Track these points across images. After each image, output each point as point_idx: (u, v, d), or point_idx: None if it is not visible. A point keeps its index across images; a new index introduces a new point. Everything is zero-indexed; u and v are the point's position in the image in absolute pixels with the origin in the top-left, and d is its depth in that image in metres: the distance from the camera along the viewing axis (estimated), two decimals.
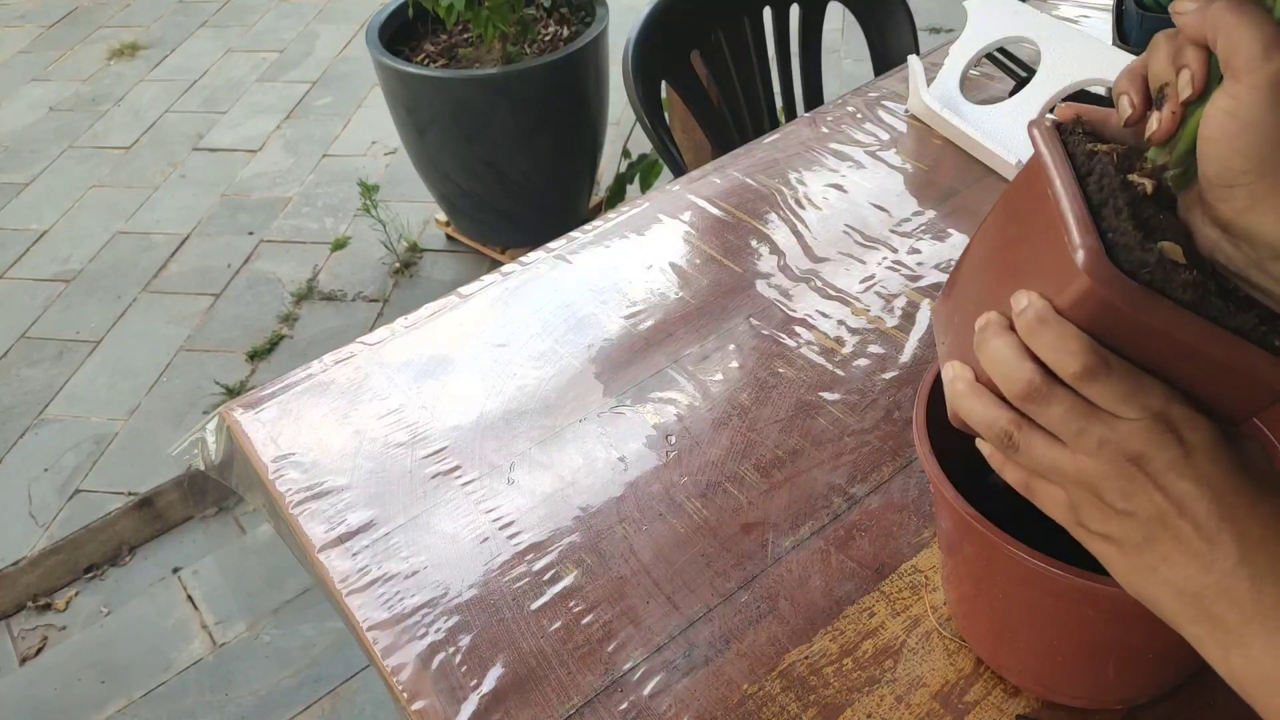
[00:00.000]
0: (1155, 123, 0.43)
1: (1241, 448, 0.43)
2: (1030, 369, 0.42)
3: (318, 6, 3.64)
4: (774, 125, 1.47)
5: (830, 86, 1.64)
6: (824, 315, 0.91)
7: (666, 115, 1.60)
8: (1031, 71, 1.12)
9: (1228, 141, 0.39)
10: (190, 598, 1.73)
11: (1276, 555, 0.41)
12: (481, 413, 0.84)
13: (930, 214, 1.02)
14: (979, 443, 0.48)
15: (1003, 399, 0.45)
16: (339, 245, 2.50)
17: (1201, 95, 0.41)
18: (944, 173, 1.08)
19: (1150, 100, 0.44)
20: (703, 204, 1.06)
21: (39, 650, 1.67)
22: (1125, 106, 0.45)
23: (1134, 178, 0.43)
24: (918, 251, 0.98)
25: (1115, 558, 0.44)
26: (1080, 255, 0.40)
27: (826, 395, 0.83)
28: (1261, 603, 0.41)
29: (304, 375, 0.89)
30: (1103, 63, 1.06)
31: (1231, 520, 0.41)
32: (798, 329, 0.90)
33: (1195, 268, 0.41)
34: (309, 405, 0.86)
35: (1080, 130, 0.46)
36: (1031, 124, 0.48)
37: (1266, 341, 0.41)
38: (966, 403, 0.46)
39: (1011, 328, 0.44)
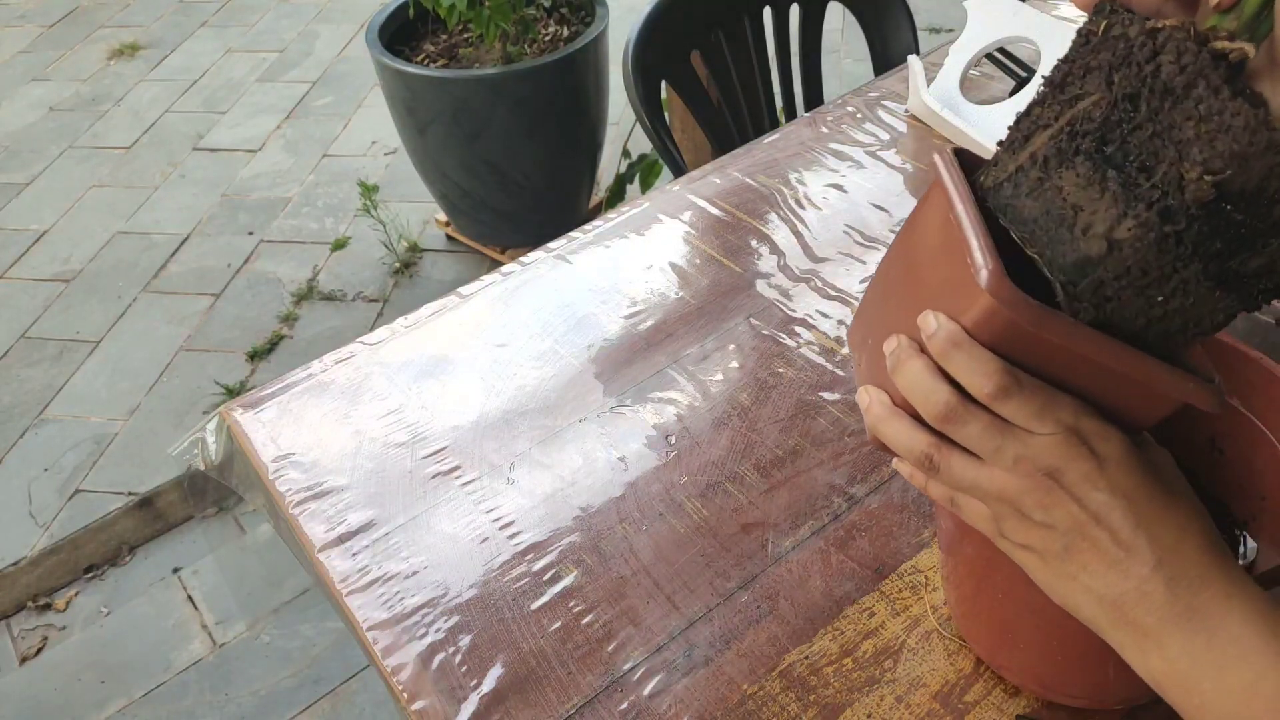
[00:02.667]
0: None
1: (1151, 455, 0.44)
2: (945, 391, 0.43)
3: (318, 6, 3.64)
4: (774, 125, 1.47)
5: (830, 86, 1.64)
6: (824, 315, 0.91)
7: (666, 115, 1.60)
8: (1031, 71, 1.12)
9: None
10: (190, 598, 1.73)
11: (1189, 560, 0.42)
12: (481, 413, 0.84)
13: None
14: (896, 463, 0.49)
15: (920, 421, 0.46)
16: (339, 245, 2.50)
17: None
18: None
19: None
20: (703, 204, 1.06)
21: (39, 650, 1.67)
22: None
23: (1219, 45, 0.39)
24: None
25: (1038, 567, 0.46)
26: (983, 275, 0.41)
27: (826, 395, 0.83)
28: (1176, 606, 0.42)
29: (304, 375, 0.89)
30: None
31: (1145, 527, 0.42)
32: (798, 329, 0.90)
33: None
34: (309, 405, 0.86)
35: (1120, 9, 0.43)
36: (936, 152, 0.49)
37: None
38: (885, 426, 0.47)
39: (923, 350, 0.44)
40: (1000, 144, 0.48)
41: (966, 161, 0.49)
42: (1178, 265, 0.41)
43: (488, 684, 0.65)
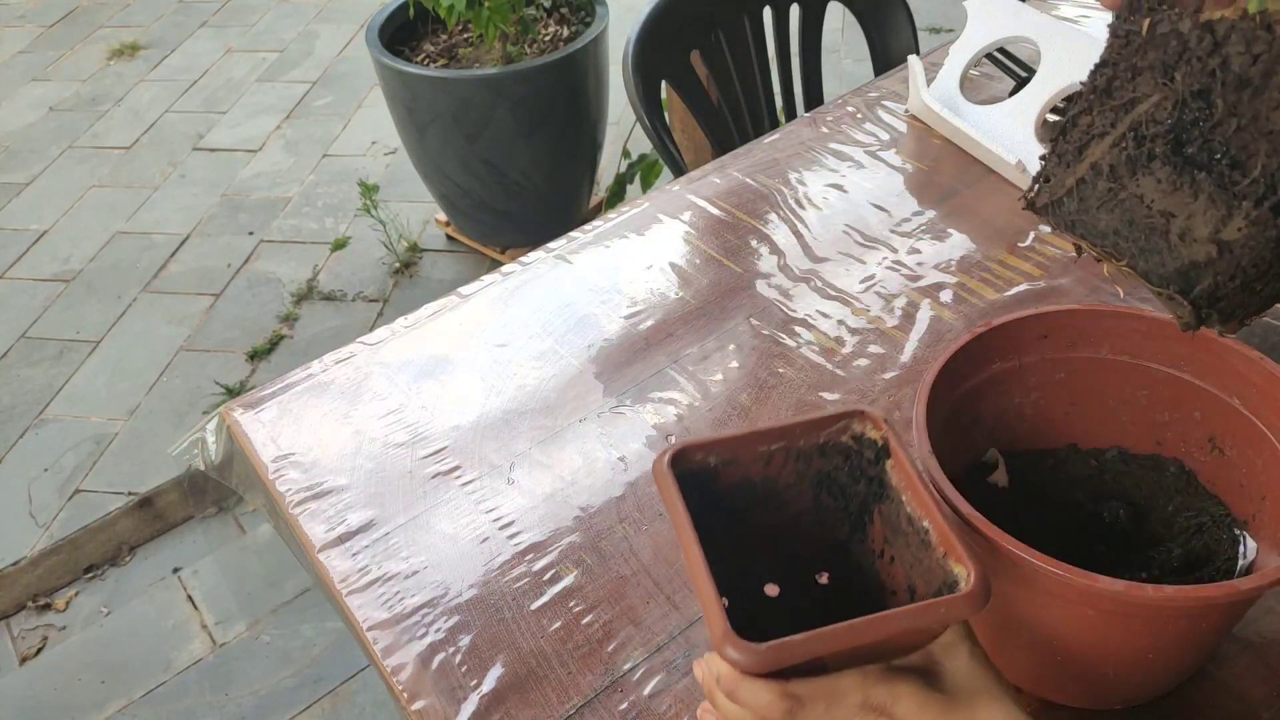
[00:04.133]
0: None
1: (946, 684, 0.47)
2: (743, 714, 0.47)
3: (318, 6, 3.64)
4: (774, 125, 1.47)
5: (830, 86, 1.63)
6: (824, 315, 0.91)
7: (666, 115, 1.60)
8: (1031, 71, 1.12)
9: None
10: (190, 598, 1.73)
11: None
12: (481, 413, 0.84)
13: (930, 214, 1.02)
14: None
15: None
16: (339, 245, 2.50)
17: None
18: (944, 173, 1.08)
19: None
20: (703, 204, 1.06)
21: (39, 650, 1.67)
22: None
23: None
24: (918, 251, 0.98)
25: None
26: (713, 638, 0.44)
27: (826, 395, 0.83)
28: None
29: (304, 375, 0.89)
30: None
31: None
32: (798, 329, 0.90)
33: None
34: (309, 405, 0.86)
35: (1160, 4, 0.42)
36: (657, 466, 0.51)
37: None
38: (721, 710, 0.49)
39: None
40: (1044, 157, 0.47)
41: (690, 459, 0.52)
42: None
43: (488, 684, 0.65)
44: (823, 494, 0.56)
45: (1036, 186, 0.47)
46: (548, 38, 2.29)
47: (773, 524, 0.56)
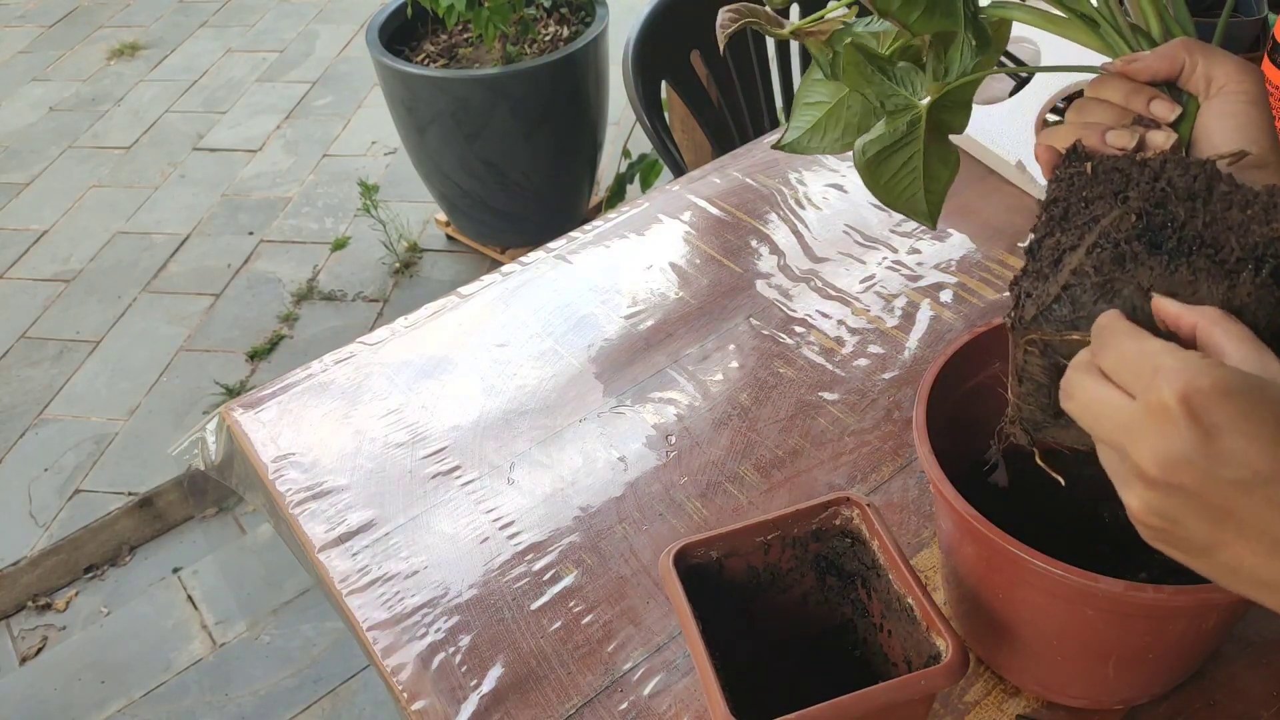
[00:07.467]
0: (1163, 139, 0.50)
1: None
2: None
3: (318, 6, 3.64)
4: (774, 125, 1.47)
5: None
6: (824, 315, 0.91)
7: (666, 115, 1.60)
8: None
9: (1225, 134, 0.49)
10: (190, 598, 1.73)
11: None
12: (481, 413, 0.84)
13: None
14: None
15: None
16: (339, 245, 2.50)
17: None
18: None
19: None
20: (703, 204, 1.06)
21: (39, 650, 1.67)
22: (1128, 138, 0.50)
23: (1216, 155, 0.47)
24: (918, 251, 0.98)
25: None
26: (718, 716, 0.49)
27: (826, 395, 0.83)
28: None
29: (304, 375, 0.89)
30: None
31: None
32: (798, 329, 0.90)
33: None
34: (309, 405, 0.86)
35: (1093, 154, 0.49)
36: (662, 562, 0.56)
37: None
38: None
39: None
40: (1015, 282, 0.49)
41: (693, 555, 0.57)
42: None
43: (488, 684, 0.65)
44: (826, 575, 0.61)
45: (1019, 305, 0.48)
46: (548, 38, 2.29)
47: (783, 604, 0.61)
